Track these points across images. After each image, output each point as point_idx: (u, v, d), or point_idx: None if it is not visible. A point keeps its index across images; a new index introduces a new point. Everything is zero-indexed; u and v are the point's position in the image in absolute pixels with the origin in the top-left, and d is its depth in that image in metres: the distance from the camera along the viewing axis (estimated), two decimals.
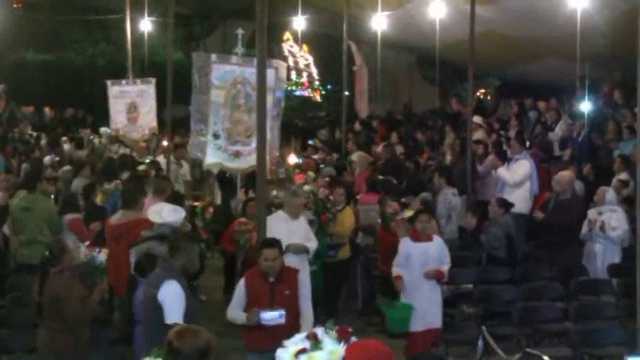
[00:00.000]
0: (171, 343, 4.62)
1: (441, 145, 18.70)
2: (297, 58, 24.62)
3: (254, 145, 10.65)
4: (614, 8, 13.94)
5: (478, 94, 24.13)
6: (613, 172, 13.97)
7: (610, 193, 11.82)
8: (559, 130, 17.40)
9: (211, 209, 12.10)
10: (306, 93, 25.15)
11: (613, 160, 14.51)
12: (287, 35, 24.36)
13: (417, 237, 9.77)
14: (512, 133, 17.32)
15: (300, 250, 9.89)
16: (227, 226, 11.73)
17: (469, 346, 10.18)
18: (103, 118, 21.08)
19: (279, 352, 4.60)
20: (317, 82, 25.24)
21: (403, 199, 12.49)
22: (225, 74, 12.02)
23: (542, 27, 17.16)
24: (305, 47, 24.72)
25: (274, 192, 11.67)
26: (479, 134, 17.46)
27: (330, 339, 4.62)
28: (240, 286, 7.91)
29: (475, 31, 12.80)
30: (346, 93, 19.69)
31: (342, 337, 4.64)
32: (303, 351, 4.56)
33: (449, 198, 13.19)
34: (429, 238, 9.82)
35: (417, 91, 27.62)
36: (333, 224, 11.53)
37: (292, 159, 16.39)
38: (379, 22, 19.84)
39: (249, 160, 11.88)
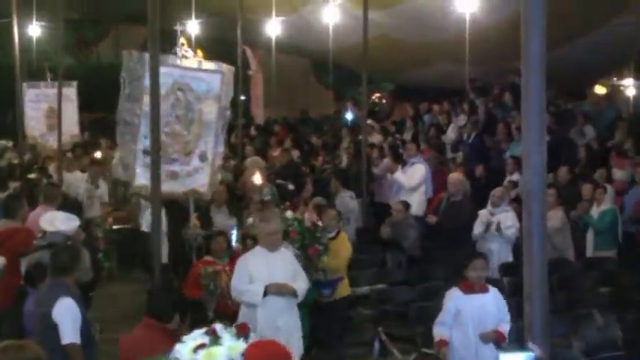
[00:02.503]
0: None
1: (336, 148, 18.84)
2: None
3: (195, 163, 9.90)
4: (502, 12, 14.28)
5: (373, 97, 24.42)
6: (504, 173, 14.32)
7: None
8: (451, 133, 17.71)
9: (110, 219, 11.88)
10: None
11: (504, 161, 14.87)
12: (181, 40, 24.13)
13: (470, 288, 7.72)
14: (407, 136, 17.56)
15: (285, 291, 7.98)
16: (177, 263, 10.73)
17: (366, 347, 10.26)
18: None
19: (178, 347, 4.58)
20: None
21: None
22: (162, 77, 9.35)
23: (433, 31, 17.46)
24: (199, 52, 24.58)
25: (250, 219, 9.90)
26: (374, 137, 17.69)
27: (229, 334, 4.63)
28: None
29: (369, 36, 12.93)
30: (242, 98, 19.66)
31: (241, 333, 4.65)
32: (202, 346, 4.55)
33: (346, 201, 13.31)
34: (484, 289, 7.79)
35: (313, 96, 27.80)
36: (324, 257, 9.33)
37: (257, 178, 14.39)
38: (273, 27, 19.88)
39: (187, 183, 10.11)
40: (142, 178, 9.70)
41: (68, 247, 7.77)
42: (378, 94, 25.99)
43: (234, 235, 10.23)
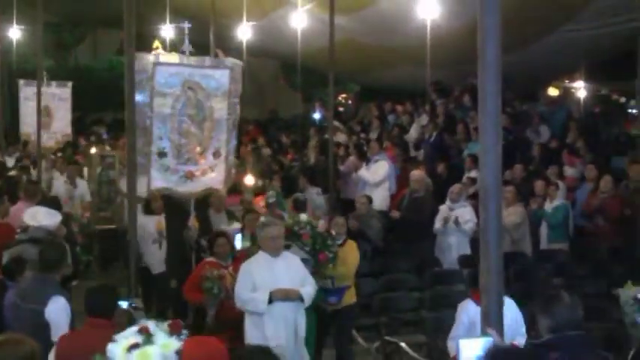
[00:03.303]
0: None
1: (304, 147, 18.85)
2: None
3: (209, 161, 9.41)
4: (460, 19, 14.36)
5: (340, 98, 24.43)
6: (463, 171, 14.39)
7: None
8: (413, 132, 17.76)
9: (87, 214, 11.82)
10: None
11: (463, 159, 14.94)
12: (156, 44, 24.02)
13: None
14: (373, 135, 17.59)
15: (291, 297, 7.50)
16: (175, 264, 10.19)
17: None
18: None
19: (111, 346, 4.48)
20: None
21: None
22: (172, 78, 9.29)
23: (397, 36, 17.52)
24: (175, 54, 24.45)
25: (262, 218, 9.23)
26: (340, 137, 17.71)
27: (162, 332, 4.53)
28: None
29: (335, 40, 12.94)
30: None
31: (174, 330, 4.57)
32: (135, 346, 4.47)
33: (313, 197, 13.32)
34: None
35: (283, 97, 27.78)
36: (333, 264, 8.87)
37: (249, 180, 13.67)
38: (244, 32, 19.84)
39: (203, 182, 9.59)
40: (158, 180, 9.33)
41: (55, 243, 7.70)
42: (344, 95, 25.99)
43: (238, 240, 9.67)
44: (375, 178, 14.21)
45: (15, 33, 23.65)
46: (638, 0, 7.52)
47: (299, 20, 18.20)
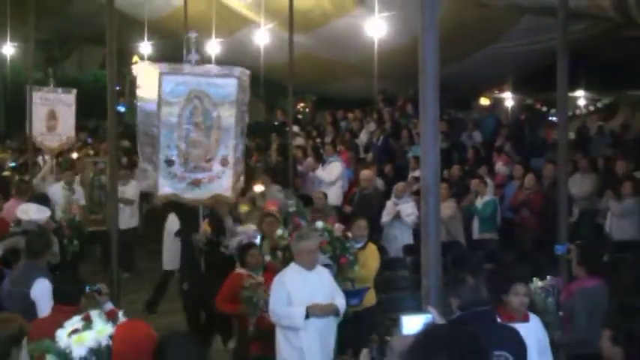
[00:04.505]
0: None
1: (267, 149, 18.82)
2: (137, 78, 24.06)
3: (216, 169, 8.64)
4: (403, 37, 14.44)
5: (298, 107, 24.40)
6: (408, 170, 14.46)
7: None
8: (363, 137, 17.81)
9: (75, 209, 11.68)
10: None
11: (407, 161, 15.02)
12: (135, 58, 23.87)
13: (510, 317, 5.66)
14: (328, 139, 17.61)
15: (328, 312, 6.84)
16: (187, 267, 9.53)
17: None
18: None
19: (59, 332, 4.46)
20: None
21: None
22: (178, 87, 8.57)
23: (348, 51, 17.54)
24: None
25: (279, 231, 8.46)
26: (299, 140, 17.70)
27: (100, 319, 4.51)
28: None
29: (294, 55, 12.93)
30: None
31: (110, 317, 4.54)
32: (75, 331, 4.44)
33: (274, 194, 13.27)
34: (525, 318, 5.77)
35: (248, 106, 27.63)
36: (354, 267, 8.18)
37: (258, 187, 13.04)
38: (213, 47, 19.73)
39: (210, 189, 8.74)
40: (166, 187, 8.57)
41: (40, 233, 7.71)
42: (302, 104, 25.95)
43: (257, 240, 9.06)
44: (330, 177, 14.26)
45: (8, 49, 23.39)
46: (556, 22, 7.68)
47: (262, 38, 18.12)
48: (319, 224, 8.23)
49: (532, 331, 5.63)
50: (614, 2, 11.71)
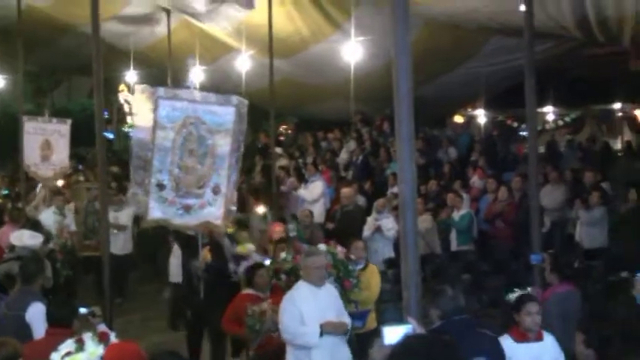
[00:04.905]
0: None
1: (251, 171, 18.80)
2: (132, 105, 24.03)
3: (207, 196, 8.35)
4: (379, 60, 14.51)
5: (281, 129, 24.41)
6: (387, 187, 14.48)
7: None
8: (343, 155, 17.84)
9: (66, 233, 11.59)
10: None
11: (386, 177, 15.05)
12: (122, 87, 23.82)
13: (523, 336, 5.56)
14: (309, 159, 17.62)
15: (340, 330, 6.63)
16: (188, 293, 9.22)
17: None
18: None
19: (53, 355, 4.44)
20: None
21: None
22: (174, 112, 8.21)
23: (326, 75, 17.60)
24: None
25: (283, 254, 8.35)
26: (282, 161, 17.70)
27: (92, 341, 4.49)
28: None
29: (275, 80, 12.97)
30: None
31: (102, 339, 4.52)
32: (68, 354, 4.43)
33: (259, 213, 13.26)
34: (539, 337, 5.66)
35: None
36: (358, 289, 7.90)
37: (260, 209, 12.99)
38: (197, 74, 19.74)
39: (200, 215, 8.41)
40: (156, 211, 8.25)
41: (34, 258, 7.65)
42: (284, 126, 25.94)
43: (267, 261, 8.78)
44: (312, 195, 14.26)
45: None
46: (523, 42, 7.80)
47: (243, 64, 18.16)
48: (322, 247, 7.92)
49: (547, 350, 5.60)
50: (577, 22, 11.85)
